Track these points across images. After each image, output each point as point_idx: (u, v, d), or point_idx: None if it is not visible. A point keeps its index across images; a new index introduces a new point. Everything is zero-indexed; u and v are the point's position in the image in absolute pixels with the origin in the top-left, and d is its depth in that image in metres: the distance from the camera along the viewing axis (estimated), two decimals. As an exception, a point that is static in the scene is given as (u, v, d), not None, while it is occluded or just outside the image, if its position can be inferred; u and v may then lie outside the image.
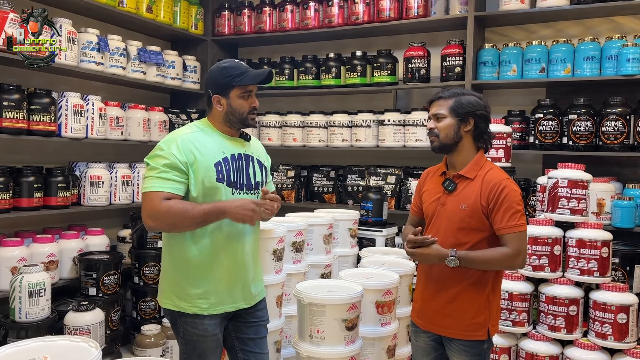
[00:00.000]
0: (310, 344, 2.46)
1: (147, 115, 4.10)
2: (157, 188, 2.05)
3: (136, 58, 4.02)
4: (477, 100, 2.22)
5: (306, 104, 4.91)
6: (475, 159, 2.23)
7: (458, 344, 2.20)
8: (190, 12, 4.64)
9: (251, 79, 2.18)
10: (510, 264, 2.15)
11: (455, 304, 2.19)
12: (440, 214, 2.24)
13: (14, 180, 3.21)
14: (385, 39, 4.56)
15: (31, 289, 2.96)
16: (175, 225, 2.07)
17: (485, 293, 2.18)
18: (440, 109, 2.23)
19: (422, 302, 2.32)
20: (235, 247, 2.20)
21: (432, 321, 2.26)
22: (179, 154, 2.07)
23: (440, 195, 2.26)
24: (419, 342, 2.36)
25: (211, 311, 2.16)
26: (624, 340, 2.87)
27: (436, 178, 2.34)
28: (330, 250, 3.37)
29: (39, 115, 3.25)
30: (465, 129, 2.21)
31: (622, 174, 3.75)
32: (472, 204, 2.15)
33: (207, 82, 2.24)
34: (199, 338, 2.17)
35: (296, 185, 4.52)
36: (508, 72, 3.84)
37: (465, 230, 2.17)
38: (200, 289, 2.15)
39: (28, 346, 1.57)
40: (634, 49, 3.41)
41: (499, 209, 2.11)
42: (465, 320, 2.18)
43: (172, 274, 2.20)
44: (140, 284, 3.77)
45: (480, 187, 2.16)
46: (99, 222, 4.01)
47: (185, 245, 2.15)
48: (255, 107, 2.24)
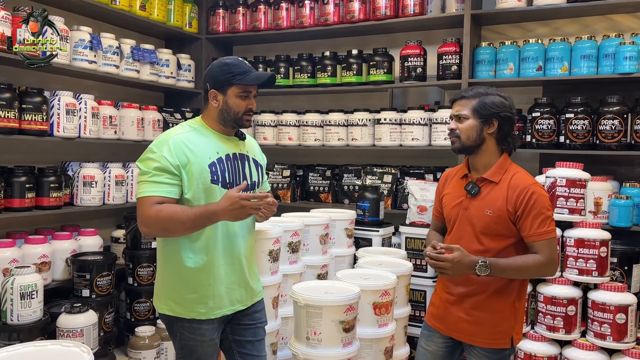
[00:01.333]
0: (307, 346, 2.43)
1: (140, 114, 4.05)
2: (149, 193, 2.00)
3: (130, 56, 3.97)
4: (502, 101, 2.13)
5: (302, 102, 4.88)
6: (500, 161, 2.15)
7: (480, 351, 2.15)
8: (185, 10, 4.60)
9: (252, 80, 2.12)
10: (543, 271, 2.09)
11: (480, 311, 2.14)
12: (462, 219, 2.18)
13: (6, 180, 3.16)
14: (381, 37, 4.53)
15: (23, 291, 2.92)
16: (167, 230, 2.02)
17: (511, 300, 2.13)
18: (462, 110, 2.15)
19: (443, 307, 2.26)
20: (232, 249, 2.16)
21: (455, 327, 2.21)
22: (171, 156, 2.02)
23: (463, 199, 2.19)
24: (430, 347, 2.30)
25: (209, 315, 2.12)
26: (622, 340, 2.86)
27: (457, 181, 2.27)
28: (326, 250, 3.34)
29: (31, 115, 3.21)
30: (488, 131, 2.13)
31: (619, 173, 3.73)
32: (497, 209, 2.08)
33: (206, 76, 2.18)
34: (196, 343, 2.13)
35: (292, 184, 4.49)
36: (505, 71, 3.81)
37: (490, 236, 2.10)
38: (197, 293, 2.11)
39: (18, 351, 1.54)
40: (631, 47, 3.40)
41: (528, 215, 2.04)
42: (490, 328, 2.13)
43: (168, 279, 2.16)
44: (135, 285, 3.73)
45: (506, 192, 2.08)
46: (92, 223, 3.97)
47: (180, 250, 2.10)
48: (252, 109, 2.19)
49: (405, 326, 3.14)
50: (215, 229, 2.10)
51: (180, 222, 1.98)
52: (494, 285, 2.11)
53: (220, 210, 1.98)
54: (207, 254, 2.10)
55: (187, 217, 1.97)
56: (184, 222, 1.98)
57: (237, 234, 2.17)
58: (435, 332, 2.29)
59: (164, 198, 2.00)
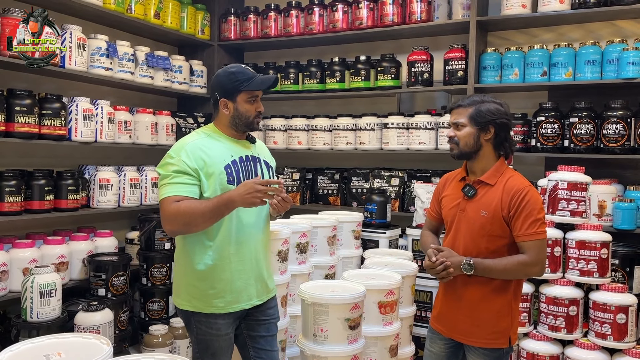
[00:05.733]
0: (314, 342, 2.52)
1: (154, 119, 4.17)
2: (169, 193, 2.10)
3: (144, 63, 4.09)
4: (498, 108, 2.20)
5: (311, 107, 4.97)
6: (496, 165, 2.23)
7: (479, 351, 2.22)
8: (197, 18, 4.71)
9: (259, 85, 2.23)
10: (528, 272, 2.16)
11: (477, 312, 2.21)
12: (460, 220, 2.26)
13: (26, 183, 3.28)
14: (388, 43, 4.62)
15: (42, 290, 3.02)
16: (189, 224, 2.10)
17: (508, 300, 2.19)
18: (459, 118, 2.24)
19: (443, 309, 2.34)
20: (247, 246, 2.25)
21: (454, 329, 2.28)
22: (189, 160, 2.13)
23: (460, 201, 2.27)
24: (434, 349, 2.38)
25: (228, 309, 2.21)
26: (623, 340, 2.91)
27: (455, 184, 2.35)
28: (334, 251, 3.43)
29: (50, 120, 3.33)
30: (485, 137, 2.21)
31: (623, 176, 3.78)
32: (492, 210, 2.16)
33: (214, 86, 2.27)
34: (212, 337, 2.23)
35: (301, 187, 4.58)
36: (510, 76, 3.88)
37: (486, 237, 2.18)
38: (215, 289, 2.20)
39: (42, 343, 1.63)
40: (634, 53, 3.45)
41: (519, 216, 2.12)
42: (488, 329, 2.19)
43: (187, 276, 2.25)
44: (148, 285, 3.83)
45: (501, 194, 2.16)
46: (107, 224, 4.09)
47: (197, 247, 2.20)
48: (261, 112, 2.29)
49: (411, 325, 3.21)
50: (230, 226, 2.19)
51: (200, 214, 2.06)
52: (491, 285, 2.18)
53: (236, 195, 2.07)
54: (224, 251, 2.20)
55: (206, 207, 2.07)
56: (204, 212, 2.06)
57: (252, 231, 2.27)
58: (438, 334, 2.36)
59: (184, 197, 2.10)
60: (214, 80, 2.30)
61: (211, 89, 2.31)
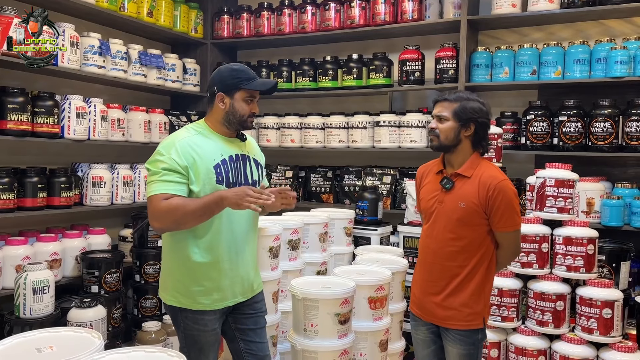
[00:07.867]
0: (304, 337, 2.55)
1: (147, 117, 4.19)
2: (158, 191, 2.11)
3: (137, 61, 4.11)
4: (481, 108, 2.29)
5: (304, 105, 5.00)
6: (472, 158, 2.32)
7: (455, 334, 2.30)
8: (190, 16, 4.73)
9: (259, 86, 2.26)
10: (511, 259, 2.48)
11: (452, 297, 2.29)
12: (439, 212, 2.33)
13: (19, 180, 3.29)
14: (380, 42, 4.65)
15: (35, 287, 3.05)
16: (179, 222, 2.12)
17: (479, 282, 2.28)
18: (443, 111, 2.31)
19: (421, 294, 2.41)
20: (235, 245, 2.27)
21: (432, 313, 2.35)
22: (179, 158, 2.14)
23: (438, 193, 2.34)
24: (419, 335, 2.45)
25: (213, 307, 2.24)
26: (609, 334, 2.95)
27: (433, 176, 2.42)
28: (326, 248, 3.45)
29: (43, 118, 3.35)
30: (465, 133, 2.29)
31: (612, 174, 3.83)
32: (470, 202, 2.25)
33: (214, 79, 2.29)
34: (199, 332, 2.25)
35: (294, 185, 4.61)
36: (500, 75, 3.92)
37: (465, 226, 2.26)
38: (203, 286, 2.22)
39: (34, 336, 1.66)
40: (622, 52, 3.50)
41: (497, 210, 2.22)
42: (464, 311, 2.27)
43: (174, 272, 2.28)
44: (141, 282, 3.86)
45: (477, 187, 2.24)
46: (100, 222, 4.10)
47: (187, 245, 2.22)
48: (255, 113, 2.32)
49: (401, 321, 3.24)
50: (220, 226, 2.22)
51: (191, 211, 2.08)
52: (464, 269, 2.27)
53: (227, 196, 2.10)
54: (212, 250, 2.22)
55: (197, 205, 2.09)
56: (194, 210, 2.09)
57: (241, 231, 2.29)
58: (419, 320, 2.44)
59: (173, 195, 2.12)
60: (214, 74, 2.32)
61: (210, 82, 2.32)
